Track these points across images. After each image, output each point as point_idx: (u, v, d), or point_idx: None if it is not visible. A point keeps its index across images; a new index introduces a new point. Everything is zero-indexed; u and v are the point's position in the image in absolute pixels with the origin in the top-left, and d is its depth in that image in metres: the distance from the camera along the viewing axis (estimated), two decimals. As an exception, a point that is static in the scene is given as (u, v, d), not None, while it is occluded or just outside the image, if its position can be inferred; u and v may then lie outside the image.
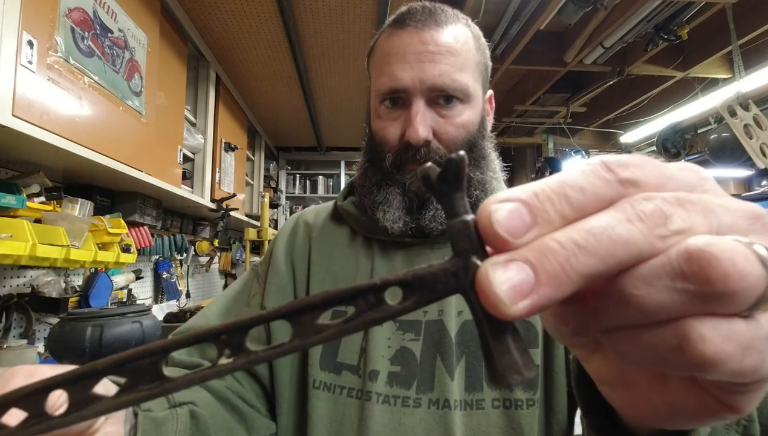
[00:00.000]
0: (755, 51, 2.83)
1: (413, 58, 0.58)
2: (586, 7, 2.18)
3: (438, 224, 0.60)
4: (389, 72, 0.59)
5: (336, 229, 0.69)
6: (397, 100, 0.60)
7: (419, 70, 0.57)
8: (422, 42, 0.58)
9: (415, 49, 0.58)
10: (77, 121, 1.26)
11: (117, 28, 1.47)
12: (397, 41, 0.60)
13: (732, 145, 3.03)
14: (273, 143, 4.44)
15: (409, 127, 0.58)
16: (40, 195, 1.35)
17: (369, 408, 0.55)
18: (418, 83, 0.57)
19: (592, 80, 3.39)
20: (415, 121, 0.57)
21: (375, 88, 0.62)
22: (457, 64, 0.58)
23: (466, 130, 0.60)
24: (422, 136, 0.57)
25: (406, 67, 0.58)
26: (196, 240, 2.94)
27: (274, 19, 2.12)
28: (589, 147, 4.81)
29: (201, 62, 2.43)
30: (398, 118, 0.60)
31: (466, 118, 0.60)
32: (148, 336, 1.19)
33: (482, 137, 0.64)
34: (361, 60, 2.58)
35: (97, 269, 1.78)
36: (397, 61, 0.59)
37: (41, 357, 1.43)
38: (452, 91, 0.58)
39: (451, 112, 0.59)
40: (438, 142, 0.59)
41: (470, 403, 0.55)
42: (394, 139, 0.60)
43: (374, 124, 0.64)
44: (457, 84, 0.58)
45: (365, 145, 0.67)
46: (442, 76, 0.57)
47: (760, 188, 5.37)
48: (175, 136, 2.02)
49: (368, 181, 0.64)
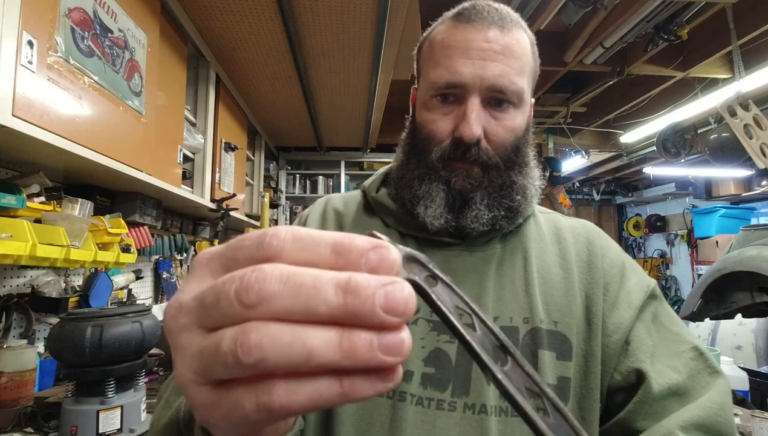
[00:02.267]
0: (755, 51, 2.83)
1: (476, 55, 0.57)
2: (586, 7, 2.18)
3: (480, 225, 0.59)
4: (449, 65, 0.58)
5: (368, 221, 0.67)
6: (449, 95, 0.59)
7: (481, 67, 0.56)
8: (487, 40, 0.57)
9: (479, 46, 0.57)
10: (77, 121, 1.26)
11: (117, 28, 1.47)
12: (460, 35, 0.58)
13: (732, 145, 3.03)
14: (273, 143, 4.43)
15: (463, 124, 0.57)
16: (40, 195, 1.35)
17: (402, 409, 0.54)
18: (479, 81, 0.56)
19: (592, 80, 3.39)
20: (471, 117, 0.56)
21: (429, 79, 0.60)
22: (517, 68, 0.58)
23: (514, 134, 0.60)
24: (476, 134, 0.56)
25: (467, 63, 0.57)
26: (196, 240, 2.93)
27: (274, 19, 2.12)
28: (589, 147, 4.81)
29: (201, 62, 2.43)
30: (450, 114, 0.59)
31: (516, 122, 0.59)
32: (148, 336, 1.19)
33: (527, 143, 0.63)
34: (362, 60, 2.59)
35: (97, 269, 1.78)
36: (458, 55, 0.57)
37: (41, 357, 1.43)
38: (509, 94, 0.57)
39: (503, 115, 0.59)
40: (487, 142, 0.58)
41: (505, 409, 0.54)
42: (443, 134, 0.59)
43: (422, 116, 0.62)
44: (516, 87, 0.57)
45: (406, 136, 0.66)
46: (502, 77, 0.56)
47: (760, 188, 5.37)
48: (175, 136, 2.01)
49: (409, 173, 0.62)
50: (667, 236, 7.19)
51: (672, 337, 0.59)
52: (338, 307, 0.18)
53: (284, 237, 0.20)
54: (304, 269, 0.19)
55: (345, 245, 0.20)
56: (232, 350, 0.18)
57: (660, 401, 0.53)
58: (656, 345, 0.58)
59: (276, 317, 0.18)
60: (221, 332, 0.19)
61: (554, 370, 0.56)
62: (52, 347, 1.11)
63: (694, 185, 6.08)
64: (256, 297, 0.18)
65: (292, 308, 0.18)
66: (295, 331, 0.18)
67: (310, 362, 0.18)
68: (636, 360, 0.56)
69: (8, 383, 1.21)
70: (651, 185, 7.14)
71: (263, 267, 0.19)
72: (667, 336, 0.59)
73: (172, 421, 0.42)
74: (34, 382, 1.30)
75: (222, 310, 0.19)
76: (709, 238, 5.79)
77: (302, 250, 0.20)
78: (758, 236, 2.48)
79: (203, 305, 0.19)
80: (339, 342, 0.18)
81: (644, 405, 0.54)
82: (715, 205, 5.93)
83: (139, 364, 1.20)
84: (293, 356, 0.18)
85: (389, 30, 2.21)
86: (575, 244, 0.65)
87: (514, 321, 0.58)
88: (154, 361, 1.74)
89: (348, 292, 0.18)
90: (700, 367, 0.56)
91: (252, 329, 0.18)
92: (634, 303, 0.59)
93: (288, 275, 0.18)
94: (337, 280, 0.18)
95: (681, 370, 0.55)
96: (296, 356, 0.18)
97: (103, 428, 1.09)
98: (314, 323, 0.18)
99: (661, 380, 0.54)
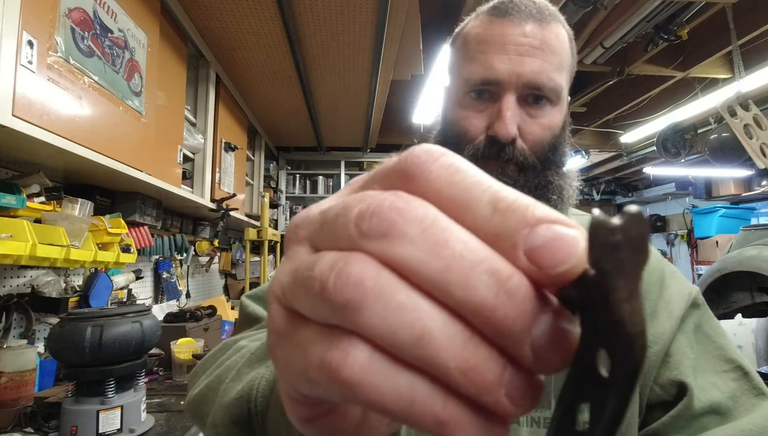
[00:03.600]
0: (755, 51, 2.83)
1: (513, 50, 0.54)
2: (586, 7, 2.18)
3: None
4: (484, 61, 0.55)
5: None
6: (484, 92, 0.56)
7: (518, 63, 0.54)
8: (525, 35, 0.54)
9: (516, 41, 0.54)
10: (77, 121, 1.26)
11: (117, 28, 1.47)
12: (497, 30, 0.55)
13: (732, 145, 3.03)
14: (273, 143, 4.43)
15: (498, 122, 0.54)
16: (40, 195, 1.35)
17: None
18: (515, 77, 0.54)
19: (592, 80, 3.39)
20: (506, 116, 0.54)
21: (463, 75, 0.58)
22: (556, 64, 0.55)
23: (551, 132, 0.57)
24: (512, 133, 0.54)
25: (504, 59, 0.54)
26: (196, 240, 2.94)
27: (274, 19, 2.12)
28: (589, 147, 4.81)
29: (201, 62, 2.43)
30: (484, 111, 0.57)
31: (553, 120, 0.57)
32: (148, 336, 1.19)
33: (564, 142, 0.60)
34: (362, 60, 2.59)
35: (97, 269, 1.78)
36: (494, 51, 0.55)
37: (41, 357, 1.43)
38: (547, 91, 0.55)
39: (539, 112, 0.56)
40: (523, 141, 0.56)
41: (537, 420, 0.52)
42: (477, 132, 0.57)
43: (454, 113, 0.59)
44: (554, 84, 0.55)
45: (437, 133, 0.63)
46: (540, 73, 0.54)
47: (760, 188, 5.37)
48: (175, 136, 2.01)
49: None
50: (667, 236, 7.19)
51: (715, 350, 0.56)
52: (480, 303, 0.13)
53: (438, 159, 0.15)
54: (455, 226, 0.14)
55: (508, 203, 0.14)
56: (323, 276, 0.14)
57: (699, 418, 0.51)
58: (698, 358, 0.55)
59: (393, 264, 0.14)
60: (324, 253, 0.15)
61: None
62: (52, 347, 1.11)
63: (694, 185, 6.08)
64: (378, 227, 0.14)
65: (418, 267, 0.13)
66: (413, 296, 0.13)
67: (417, 349, 0.13)
68: (679, 373, 0.53)
69: (8, 383, 1.21)
70: (651, 185, 7.14)
71: (405, 196, 0.14)
72: (710, 349, 0.56)
73: (243, 399, 0.38)
74: (34, 382, 1.30)
75: (337, 230, 0.15)
76: (709, 238, 5.79)
77: (455, 185, 0.14)
78: (758, 236, 2.48)
79: (324, 220, 0.16)
80: (463, 347, 0.13)
81: (681, 420, 0.51)
82: (715, 205, 5.93)
83: (139, 364, 1.20)
84: (398, 325, 0.13)
85: (389, 30, 2.21)
86: None
87: None
88: (154, 361, 1.74)
89: (504, 292, 0.13)
90: (744, 387, 0.53)
91: (358, 261, 0.14)
92: (674, 313, 0.57)
93: (433, 222, 0.14)
94: (495, 266, 0.13)
95: (723, 388, 0.52)
96: (402, 327, 0.13)
97: (103, 428, 1.09)
98: (437, 301, 0.14)
99: (704, 397, 0.51)
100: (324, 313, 0.14)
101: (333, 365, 0.14)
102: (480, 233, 0.14)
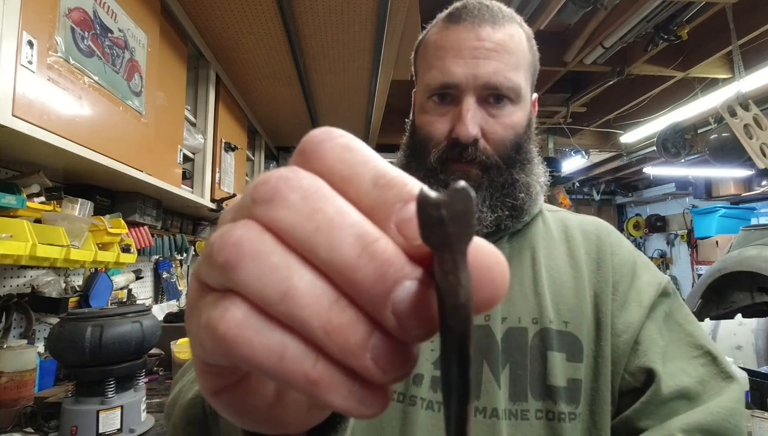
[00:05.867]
0: (755, 51, 2.83)
1: (468, 54, 0.56)
2: (586, 7, 2.18)
3: (483, 228, 0.58)
4: (441, 66, 0.57)
5: None
6: (446, 96, 0.58)
7: (474, 66, 0.56)
8: (478, 38, 0.57)
9: (470, 45, 0.56)
10: (77, 121, 1.26)
11: (117, 28, 1.47)
12: (452, 36, 0.58)
13: (732, 145, 3.03)
14: (273, 143, 4.43)
15: (459, 124, 0.56)
16: (40, 195, 1.35)
17: (413, 413, 0.53)
18: (472, 79, 0.56)
19: (592, 80, 3.39)
20: (466, 117, 0.56)
21: (424, 82, 0.60)
22: (512, 63, 0.57)
23: (514, 131, 0.59)
24: (472, 134, 0.56)
25: (459, 63, 0.56)
26: (196, 240, 2.94)
27: (274, 19, 2.11)
28: (589, 147, 4.81)
29: (201, 62, 2.43)
30: (446, 114, 0.59)
31: (515, 118, 0.59)
32: (148, 336, 1.19)
33: (528, 140, 0.62)
34: (362, 60, 2.59)
35: (97, 269, 1.78)
36: (450, 55, 0.57)
37: (41, 357, 1.43)
38: (505, 91, 0.57)
39: (500, 112, 0.58)
40: (486, 141, 0.58)
41: (515, 413, 0.53)
42: (441, 136, 0.59)
43: (419, 118, 0.62)
44: (511, 83, 0.57)
45: (407, 140, 0.65)
46: (496, 74, 0.56)
47: (760, 188, 5.37)
48: (175, 136, 2.01)
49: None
50: (667, 236, 7.19)
51: (685, 337, 0.57)
52: (342, 263, 0.14)
53: (335, 139, 0.16)
54: (335, 196, 0.15)
55: (387, 179, 0.15)
56: (213, 240, 0.15)
57: (668, 403, 0.52)
58: (668, 345, 0.56)
59: (273, 227, 0.15)
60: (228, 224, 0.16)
61: (564, 372, 0.55)
62: (52, 347, 1.11)
63: (694, 185, 6.08)
64: (264, 194, 0.15)
65: (293, 228, 0.14)
66: (286, 257, 0.14)
67: (282, 305, 0.14)
68: (647, 360, 0.55)
69: (8, 383, 1.21)
70: (651, 185, 7.14)
71: (296, 169, 0.15)
72: (680, 336, 0.57)
73: (198, 398, 0.40)
74: (34, 382, 1.30)
75: (242, 202, 0.16)
76: (709, 238, 5.79)
77: (345, 162, 0.16)
78: (758, 236, 2.48)
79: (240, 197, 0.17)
80: (328, 307, 0.14)
81: (651, 405, 0.53)
82: (715, 205, 5.93)
83: (139, 364, 1.20)
84: (267, 282, 0.14)
85: (389, 30, 2.22)
86: (584, 242, 0.63)
87: (522, 322, 0.57)
88: (154, 361, 1.74)
89: (366, 253, 0.14)
90: (713, 372, 0.55)
91: (243, 226, 0.15)
92: (644, 302, 0.58)
93: (315, 192, 0.15)
94: (362, 230, 0.14)
95: (692, 374, 0.54)
96: (270, 284, 0.14)
97: (103, 428, 1.09)
98: (310, 264, 0.14)
99: (672, 382, 0.53)
100: (214, 276, 0.15)
101: (212, 322, 0.14)
102: (360, 205, 0.15)
